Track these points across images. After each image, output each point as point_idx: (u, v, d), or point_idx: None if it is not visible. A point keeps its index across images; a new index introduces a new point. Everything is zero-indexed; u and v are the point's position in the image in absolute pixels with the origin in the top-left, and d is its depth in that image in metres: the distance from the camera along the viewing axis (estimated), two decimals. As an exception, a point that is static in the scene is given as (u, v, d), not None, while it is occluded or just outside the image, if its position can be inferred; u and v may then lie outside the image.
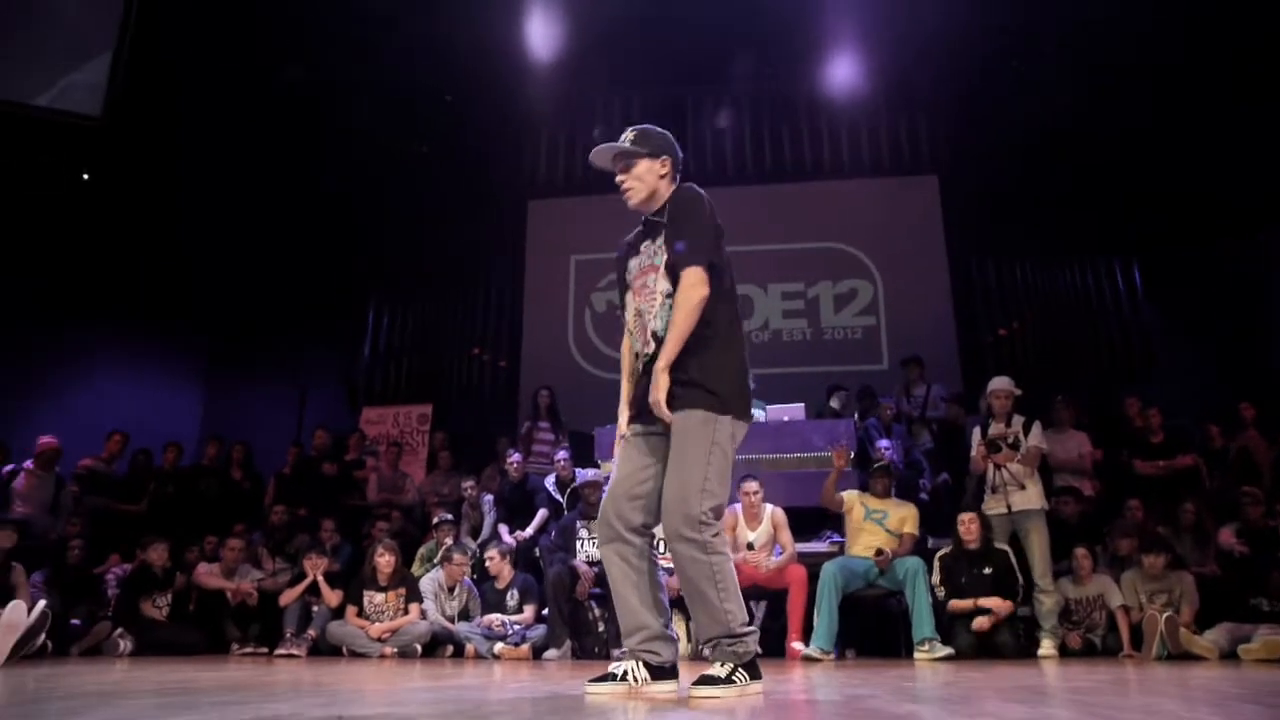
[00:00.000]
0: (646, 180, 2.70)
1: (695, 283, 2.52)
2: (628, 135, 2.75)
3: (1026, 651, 5.28)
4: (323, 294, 10.30)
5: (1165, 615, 5.02)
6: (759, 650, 2.58)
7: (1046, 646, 5.27)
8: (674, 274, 2.57)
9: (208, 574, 6.35)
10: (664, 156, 2.72)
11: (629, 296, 2.73)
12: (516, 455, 7.32)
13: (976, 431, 5.81)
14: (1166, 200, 8.73)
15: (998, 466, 5.53)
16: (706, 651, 2.55)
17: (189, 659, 5.24)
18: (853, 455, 6.79)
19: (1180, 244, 8.93)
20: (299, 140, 9.26)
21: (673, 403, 2.50)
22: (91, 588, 6.35)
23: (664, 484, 2.50)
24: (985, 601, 5.27)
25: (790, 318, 10.00)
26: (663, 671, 2.57)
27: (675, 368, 2.51)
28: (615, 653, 5.66)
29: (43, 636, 4.86)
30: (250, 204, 9.53)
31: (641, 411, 2.62)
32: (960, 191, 9.83)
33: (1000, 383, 5.78)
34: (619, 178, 2.74)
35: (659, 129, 2.80)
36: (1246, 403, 7.07)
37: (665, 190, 2.73)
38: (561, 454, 7.21)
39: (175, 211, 9.30)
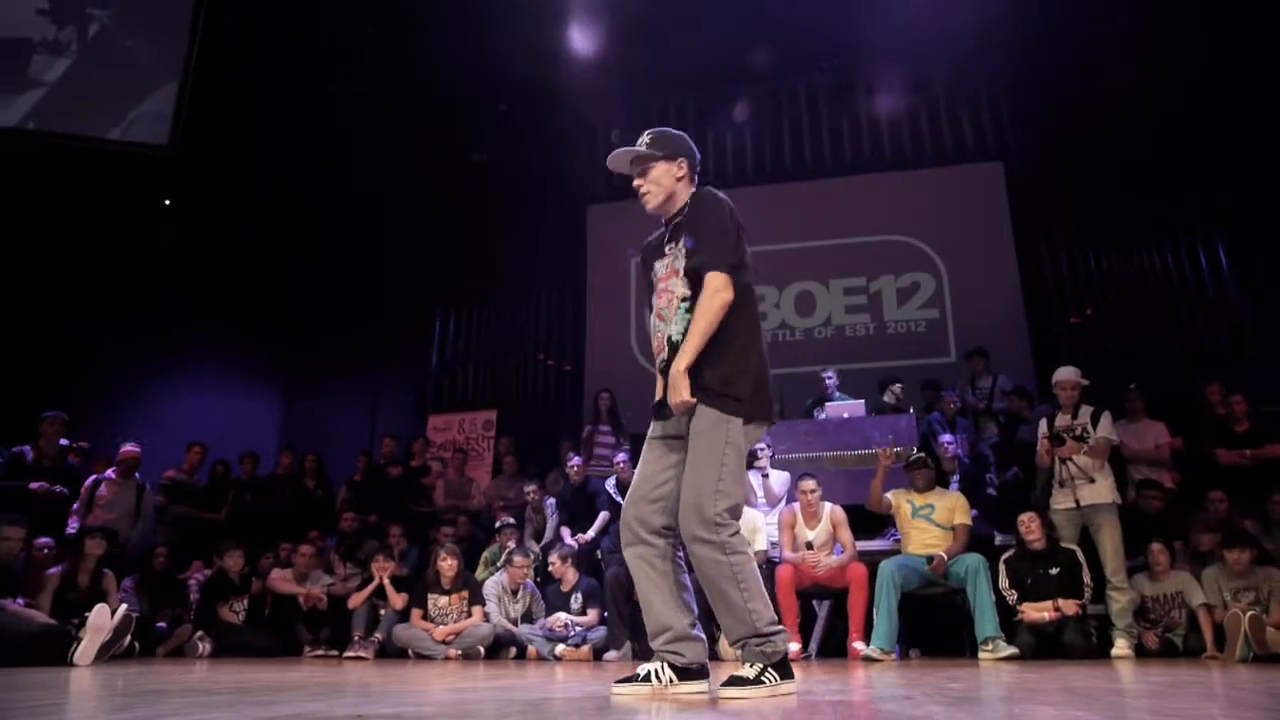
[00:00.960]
0: (663, 183, 2.70)
1: (719, 288, 2.51)
2: (644, 138, 2.76)
3: (1099, 651, 5.07)
4: (392, 305, 10.59)
5: (1249, 614, 4.74)
6: (789, 649, 2.54)
7: (1121, 646, 5.05)
8: (692, 279, 2.57)
9: (281, 579, 6.60)
10: (680, 159, 2.71)
11: (654, 299, 2.74)
12: (577, 458, 7.39)
13: (1042, 424, 5.61)
14: (1251, 172, 8.25)
15: (1063, 460, 5.33)
16: (735, 652, 2.53)
17: (262, 660, 5.45)
18: (915, 450, 6.66)
19: (1268, 218, 8.43)
20: (362, 156, 9.57)
21: (702, 394, 2.51)
22: (176, 593, 6.66)
23: (683, 488, 2.50)
24: (1062, 604, 5.09)
25: (853, 313, 9.83)
26: (689, 672, 2.56)
27: (693, 372, 2.50)
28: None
29: (128, 638, 5.12)
30: (319, 221, 9.88)
31: (660, 413, 2.64)
32: (1026, 177, 9.49)
33: (1066, 373, 5.57)
34: (636, 182, 2.74)
35: (676, 131, 2.80)
36: (1343, 388, 6.64)
37: (684, 192, 2.72)
38: (621, 456, 7.23)
39: (252, 231, 9.71)
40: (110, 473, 6.89)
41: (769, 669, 2.43)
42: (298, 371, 10.80)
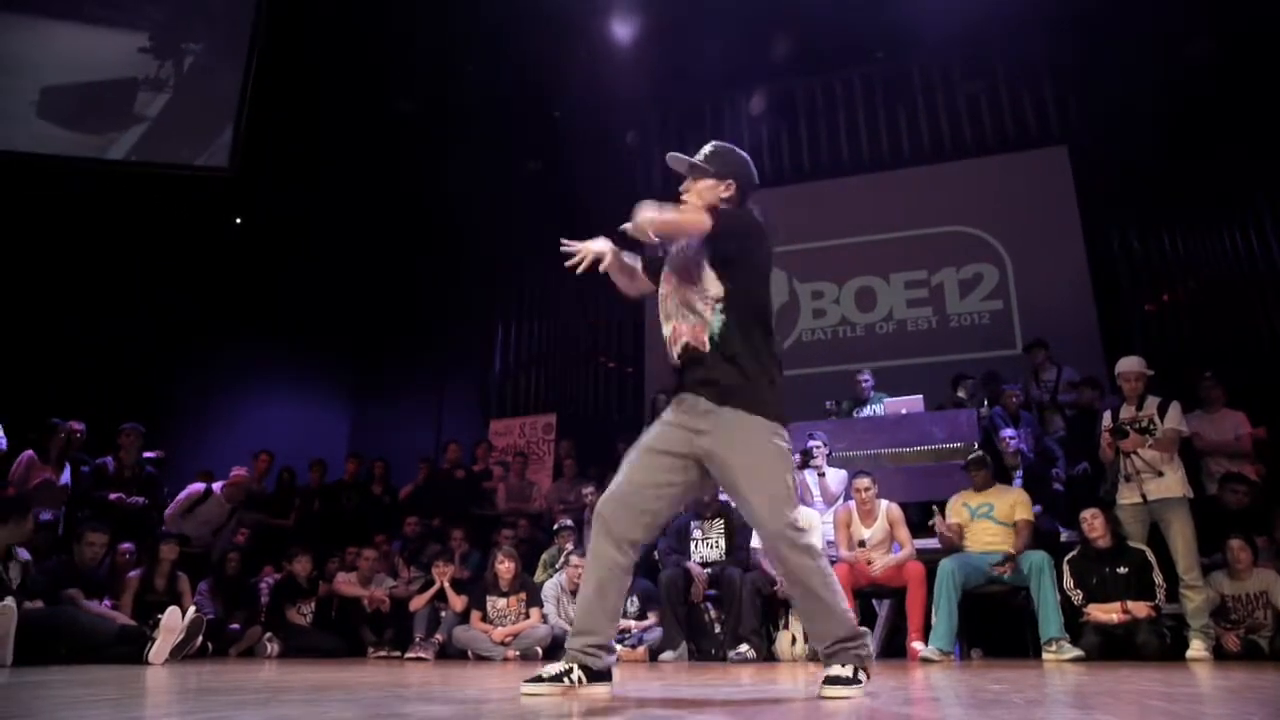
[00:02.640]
0: (705, 197, 2.69)
1: (703, 218, 2.56)
2: (705, 150, 2.79)
3: (1174, 653, 4.84)
4: (454, 313, 10.81)
5: (1334, 612, 4.48)
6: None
7: (1197, 648, 4.80)
8: (723, 274, 2.60)
9: (345, 582, 6.77)
10: (730, 180, 2.71)
11: (668, 297, 2.74)
12: (633, 460, 7.39)
13: (1106, 416, 5.40)
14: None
15: (1127, 453, 5.11)
16: (823, 653, 2.51)
17: (328, 661, 5.61)
18: (976, 446, 6.48)
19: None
20: (421, 169, 9.78)
21: (729, 399, 2.51)
22: (248, 596, 6.90)
23: (746, 502, 2.47)
24: (1131, 606, 4.89)
25: (914, 306, 9.62)
26: (599, 675, 2.54)
27: (734, 385, 2.52)
28: (731, 654, 5.63)
29: (200, 639, 5.34)
30: (382, 234, 10.14)
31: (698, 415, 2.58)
32: (1093, 161, 9.14)
33: (1129, 364, 5.35)
34: (683, 185, 2.77)
35: (740, 153, 2.81)
36: None
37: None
38: (679, 457, 7.21)
39: (319, 246, 10.01)
40: (217, 487, 7.21)
41: (861, 669, 2.45)
42: (364, 381, 11.09)
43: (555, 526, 7.13)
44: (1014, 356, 8.69)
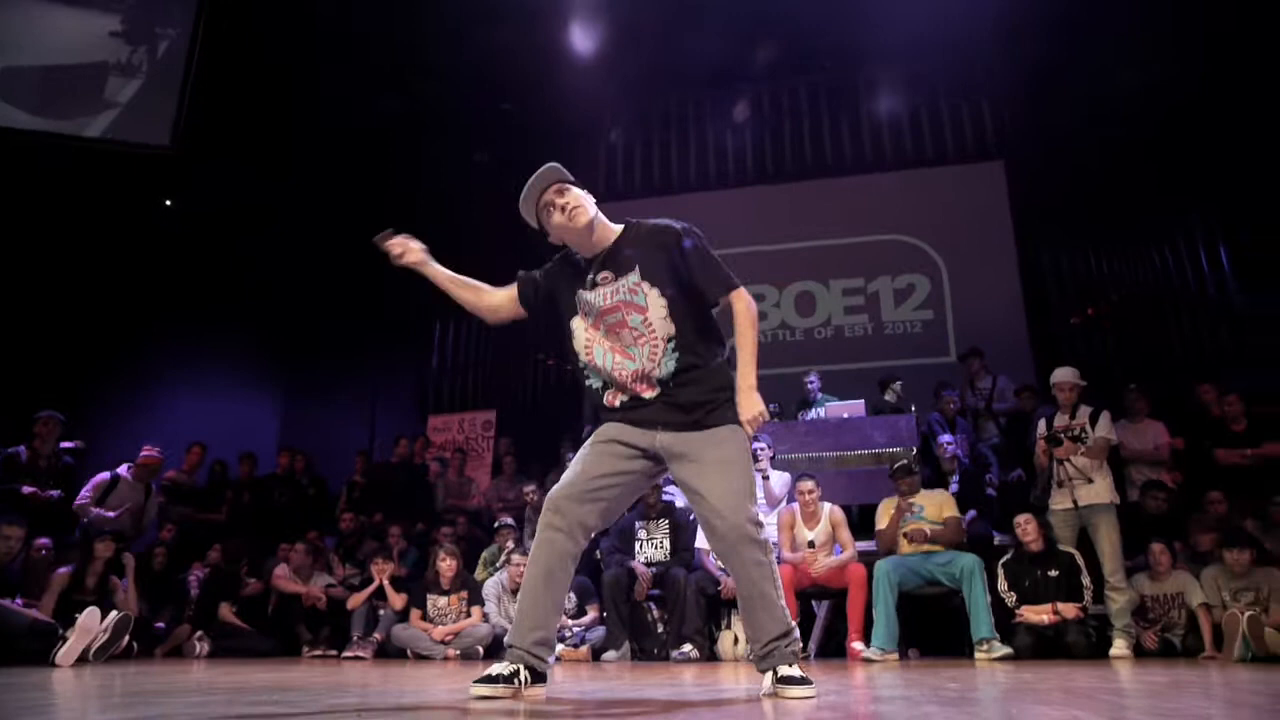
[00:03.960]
0: (587, 206, 2.62)
1: (750, 302, 2.59)
2: (547, 170, 2.69)
3: (1098, 651, 5.05)
4: (393, 306, 10.58)
5: (1248, 614, 4.73)
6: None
7: (1120, 646, 5.03)
8: (677, 315, 2.55)
9: (285, 578, 6.58)
10: (583, 191, 2.66)
11: (588, 330, 2.63)
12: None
13: (1041, 424, 5.60)
14: (1253, 174, 8.24)
15: (1060, 460, 5.32)
16: (759, 652, 2.51)
17: (261, 661, 5.45)
18: (914, 451, 6.66)
19: (1272, 221, 8.42)
20: (362, 155, 9.55)
21: (711, 416, 2.52)
22: (174, 593, 6.65)
23: (710, 493, 2.45)
24: (1061, 608, 5.08)
25: (852, 313, 9.84)
26: (540, 676, 2.49)
27: (707, 385, 2.54)
28: (674, 654, 5.66)
29: (126, 639, 5.12)
30: (319, 221, 9.87)
31: (668, 423, 2.56)
32: (1028, 176, 9.48)
33: (1064, 374, 5.57)
34: (562, 200, 2.62)
35: None
36: (1344, 387, 6.63)
37: (603, 223, 2.65)
38: (622, 457, 7.22)
39: (253, 232, 9.69)
40: (125, 471, 6.78)
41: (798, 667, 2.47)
42: (297, 372, 10.79)
43: (496, 524, 7.07)
44: (949, 364, 8.95)
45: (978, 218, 9.56)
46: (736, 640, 5.78)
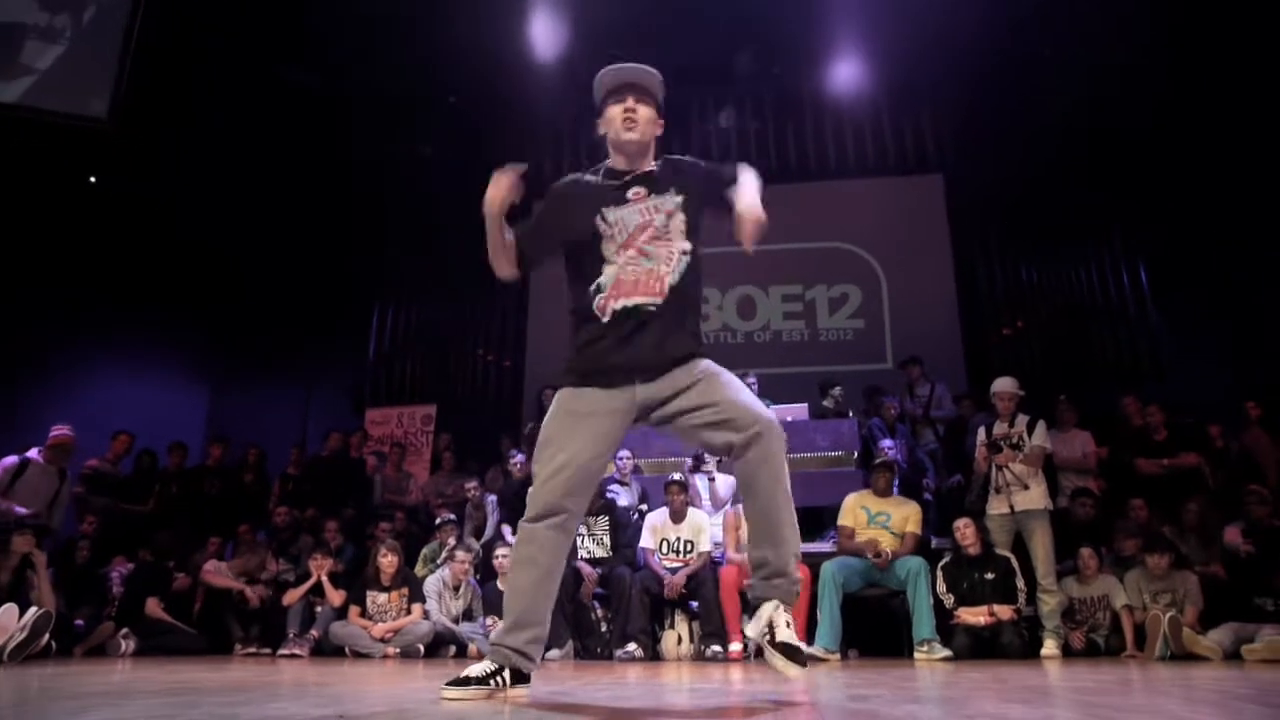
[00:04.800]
0: (650, 126, 2.56)
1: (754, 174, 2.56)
2: (655, 73, 2.60)
3: (1030, 652, 5.26)
4: (329, 295, 10.32)
5: (1168, 615, 5.00)
6: None
7: (1049, 646, 5.25)
8: (692, 234, 2.56)
9: (215, 573, 6.36)
10: (661, 118, 2.62)
11: (625, 251, 2.49)
12: (519, 455, 7.33)
13: (981, 431, 5.80)
14: (1172, 198, 8.69)
15: (999, 467, 5.52)
16: (762, 577, 2.38)
17: (191, 659, 5.26)
18: (855, 454, 6.83)
19: (1188, 244, 8.90)
20: (304, 142, 9.30)
21: (690, 356, 2.46)
22: (96, 588, 6.37)
23: (725, 404, 2.36)
24: (997, 610, 5.26)
25: (790, 319, 10.02)
26: (523, 676, 2.38)
27: (689, 331, 2.50)
28: (618, 653, 5.67)
29: (46, 637, 4.89)
30: (256, 206, 9.57)
31: (646, 370, 2.44)
32: (965, 190, 9.80)
33: (1004, 384, 5.77)
34: (630, 104, 2.54)
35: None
36: (1252, 402, 7.03)
37: (652, 148, 2.61)
38: (565, 455, 7.20)
39: (183, 214, 9.34)
40: (35, 454, 6.40)
41: (788, 617, 2.35)
42: (227, 361, 10.43)
43: (437, 520, 6.98)
44: (885, 370, 9.18)
45: (917, 228, 9.83)
46: (680, 640, 5.84)
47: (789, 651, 2.30)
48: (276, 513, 7.32)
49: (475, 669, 2.34)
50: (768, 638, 2.33)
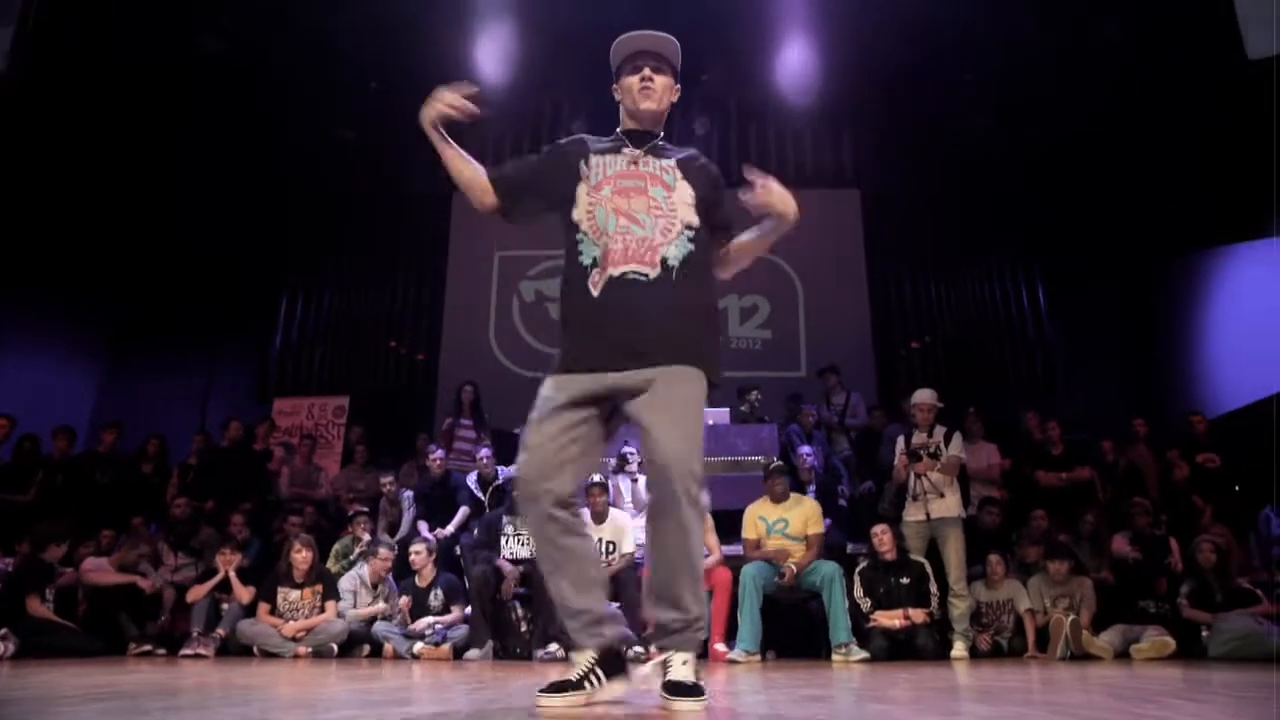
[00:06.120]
0: (667, 95, 2.50)
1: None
2: (667, 36, 2.50)
3: (941, 653, 5.46)
4: (234, 279, 9.86)
5: (1070, 619, 5.30)
6: None
7: (959, 648, 5.47)
8: (707, 220, 2.48)
9: (95, 570, 5.97)
10: (678, 85, 2.55)
11: (591, 194, 2.40)
12: (439, 451, 7.18)
13: (900, 440, 5.99)
14: (1073, 225, 9.21)
15: (918, 475, 5.72)
16: (663, 632, 2.26)
17: (81, 661, 4.93)
18: (775, 459, 6.95)
19: (1081, 268, 9.46)
20: (216, 118, 8.85)
21: (680, 351, 2.30)
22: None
23: (662, 438, 2.19)
24: (911, 613, 5.44)
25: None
26: (619, 667, 2.28)
27: (704, 299, 2.43)
28: (538, 653, 5.61)
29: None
30: (161, 182, 9.05)
31: (632, 355, 2.28)
32: (880, 206, 10.14)
33: (924, 395, 5.98)
34: (648, 71, 2.46)
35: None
36: (1139, 419, 7.53)
37: (661, 117, 2.54)
38: (485, 451, 7.13)
39: (80, 184, 8.73)
40: None
41: (697, 670, 2.24)
42: (121, 344, 9.84)
43: (350, 514, 6.78)
44: (798, 378, 9.40)
45: (834, 242, 10.10)
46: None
47: (681, 691, 2.18)
48: (176, 504, 6.94)
49: (574, 673, 2.24)
50: (661, 687, 2.23)
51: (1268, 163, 7.55)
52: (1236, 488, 7.01)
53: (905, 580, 5.57)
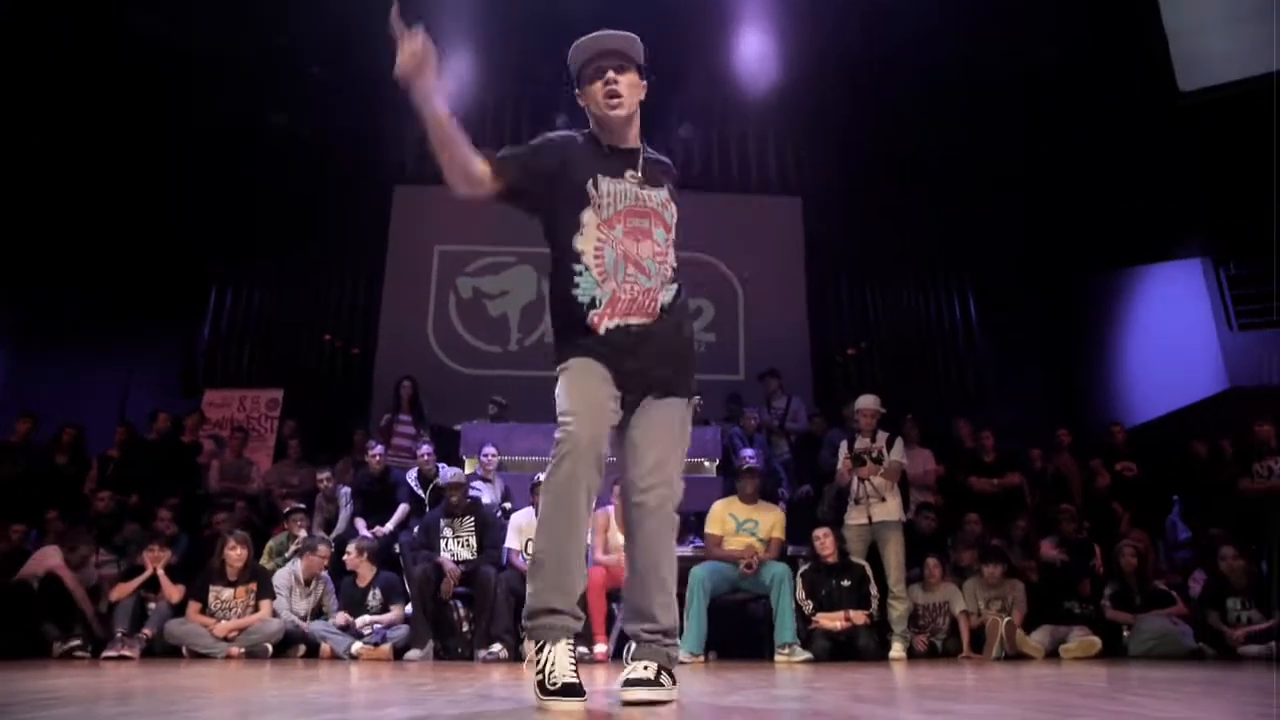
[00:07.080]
0: (635, 99, 2.41)
1: None
2: (629, 35, 2.41)
3: (880, 654, 5.58)
4: (160, 265, 9.43)
5: (1006, 620, 5.49)
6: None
7: (897, 649, 5.61)
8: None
9: (53, 562, 5.64)
10: (644, 81, 2.43)
11: (601, 227, 2.33)
12: (379, 447, 7.02)
13: (843, 445, 6.11)
14: (1001, 239, 9.53)
15: (861, 479, 5.84)
16: (639, 639, 2.28)
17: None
18: (718, 460, 7.03)
19: (1009, 283, 9.81)
20: (142, 96, 8.47)
21: (674, 387, 2.40)
22: None
23: (648, 457, 2.31)
24: (853, 615, 5.55)
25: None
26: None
27: (686, 332, 2.48)
28: (480, 654, 5.54)
29: None
30: (87, 159, 8.60)
31: (635, 387, 2.34)
32: (820, 214, 10.31)
33: (867, 401, 6.11)
34: (611, 75, 2.36)
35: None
36: (1064, 429, 7.84)
37: (634, 121, 2.45)
38: (425, 448, 7.01)
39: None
40: None
41: (666, 671, 2.22)
42: (31, 329, 9.33)
43: (286, 510, 6.58)
44: (737, 382, 9.50)
45: (774, 247, 10.24)
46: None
47: (636, 683, 2.17)
48: (98, 498, 6.62)
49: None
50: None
51: (1183, 190, 7.98)
52: (1150, 495, 7.36)
53: (846, 582, 5.68)
